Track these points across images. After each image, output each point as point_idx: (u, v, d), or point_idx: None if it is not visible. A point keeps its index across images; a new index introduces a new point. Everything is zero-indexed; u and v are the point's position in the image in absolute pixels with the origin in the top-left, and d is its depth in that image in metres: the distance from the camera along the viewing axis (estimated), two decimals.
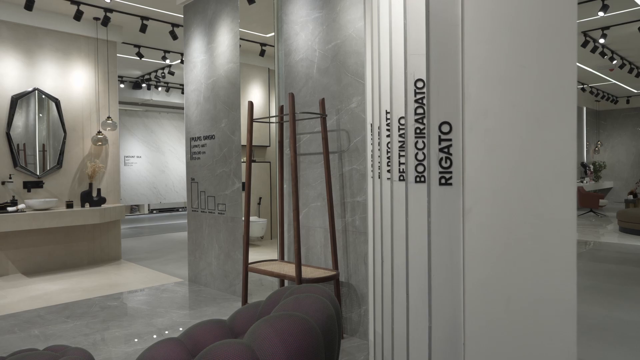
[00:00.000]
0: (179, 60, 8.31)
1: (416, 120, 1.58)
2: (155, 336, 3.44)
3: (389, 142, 2.29)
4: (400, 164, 1.95)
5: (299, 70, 3.74)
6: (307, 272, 3.27)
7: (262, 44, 7.13)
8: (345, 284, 3.41)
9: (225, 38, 4.53)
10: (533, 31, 0.87)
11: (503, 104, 0.89)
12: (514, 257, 0.90)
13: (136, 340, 3.37)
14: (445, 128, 1.23)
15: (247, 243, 3.49)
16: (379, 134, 2.57)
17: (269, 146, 8.27)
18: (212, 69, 4.73)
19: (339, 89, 3.43)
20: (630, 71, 8.72)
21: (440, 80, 1.23)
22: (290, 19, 3.81)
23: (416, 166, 1.60)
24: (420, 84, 1.55)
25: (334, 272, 3.24)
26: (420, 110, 1.56)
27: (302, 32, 3.70)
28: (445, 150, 1.25)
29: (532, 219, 0.88)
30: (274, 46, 7.31)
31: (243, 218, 4.25)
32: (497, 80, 0.88)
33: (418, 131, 1.58)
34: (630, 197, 11.00)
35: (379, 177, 2.57)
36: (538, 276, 0.86)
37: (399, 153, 1.96)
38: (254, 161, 7.83)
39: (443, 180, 1.24)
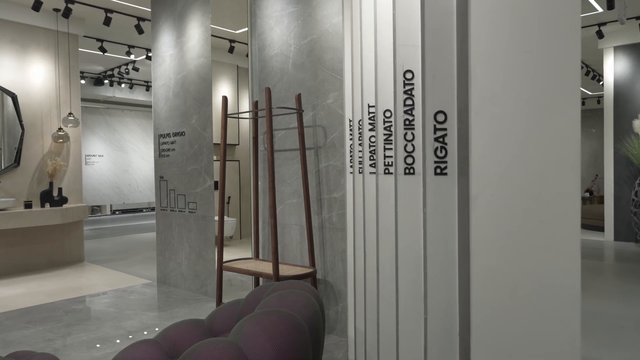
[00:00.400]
0: (144, 56, 8.07)
1: (405, 112, 1.56)
2: (120, 340, 3.30)
3: (371, 136, 2.27)
4: (385, 157, 1.94)
5: (273, 65, 3.69)
6: (284, 270, 3.22)
7: (231, 41, 7.01)
8: (322, 281, 3.38)
9: (196, 32, 4.42)
10: (537, 17, 0.86)
11: (508, 90, 0.88)
12: (519, 244, 0.89)
13: (105, 344, 3.23)
14: (441, 117, 1.21)
15: (222, 241, 3.40)
16: (361, 128, 2.55)
17: (238, 144, 8.15)
18: (182, 63, 4.60)
19: (315, 85, 3.39)
20: (587, 74, 9.10)
21: (436, 69, 1.21)
22: (264, 13, 3.75)
23: (405, 158, 1.59)
24: (409, 75, 1.54)
25: (311, 270, 3.20)
26: (409, 102, 1.55)
27: (277, 27, 3.65)
28: (441, 139, 1.24)
29: (537, 206, 0.87)
30: (244, 43, 7.20)
31: (216, 217, 4.15)
32: (502, 66, 0.87)
33: (407, 123, 1.56)
34: (587, 194, 11.49)
35: (360, 172, 2.55)
36: (543, 262, 0.85)
37: (385, 146, 1.94)
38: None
39: (438, 170, 1.23)
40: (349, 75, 2.88)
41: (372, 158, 2.26)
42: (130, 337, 3.35)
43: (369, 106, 2.26)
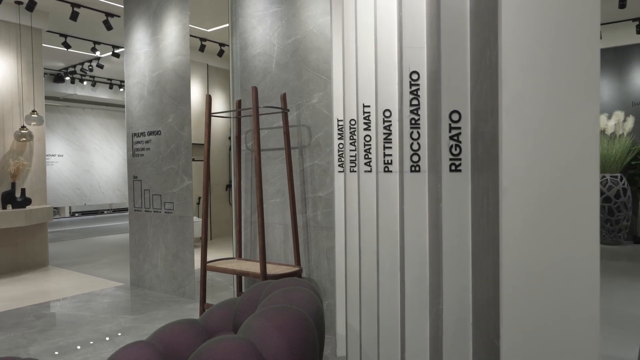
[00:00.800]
0: (110, 53, 7.83)
1: (411, 112, 1.62)
2: (100, 344, 3.22)
3: (366, 135, 2.32)
4: (385, 155, 1.99)
5: (256, 64, 3.69)
6: (270, 269, 3.23)
7: (202, 39, 6.92)
8: (307, 279, 3.41)
9: (173, 30, 4.35)
10: (561, 19, 0.93)
11: (536, 90, 0.95)
12: (545, 233, 0.95)
13: (85, 348, 3.13)
14: (455, 117, 1.27)
15: (206, 241, 3.37)
16: (353, 128, 2.60)
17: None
18: (158, 61, 4.51)
19: (299, 85, 3.42)
20: None
21: (451, 70, 1.27)
22: (246, 12, 3.74)
23: (411, 156, 1.64)
24: (415, 76, 1.60)
25: (297, 268, 3.22)
26: (415, 102, 1.61)
27: (260, 26, 3.65)
28: (455, 138, 1.30)
29: (561, 197, 0.94)
30: (215, 42, 7.12)
31: (200, 218, 4.10)
32: (531, 68, 0.93)
33: (413, 122, 1.62)
34: None
35: (352, 171, 2.60)
36: (565, 250, 0.92)
37: (384, 145, 2.00)
38: (194, 160, 7.57)
39: (453, 167, 1.29)
40: (338, 75, 2.93)
41: (367, 157, 2.31)
42: (107, 338, 3.27)
43: (364, 106, 2.31)
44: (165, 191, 4.48)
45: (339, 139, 2.93)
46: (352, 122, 2.59)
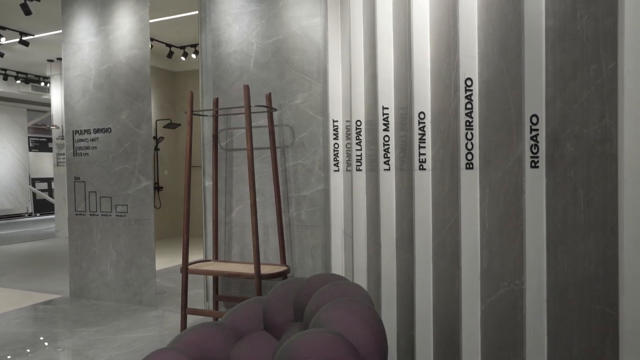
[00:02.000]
0: (18, 40, 7.00)
1: (466, 114, 1.80)
2: (76, 358, 2.94)
3: (385, 136, 2.46)
4: (420, 154, 2.15)
5: (231, 62, 3.62)
6: (234, 269, 3.20)
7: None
8: (291, 277, 3.44)
9: (127, 21, 4.08)
10: None
11: None
12: None
13: None
14: (535, 120, 1.46)
15: (187, 242, 3.24)
16: (360, 129, 2.73)
17: None
18: (108, 54, 4.19)
19: (281, 85, 3.44)
20: None
21: (530, 81, 1.46)
22: (219, 9, 3.66)
23: (466, 154, 1.82)
24: (469, 82, 1.78)
25: (286, 267, 3.24)
26: (469, 106, 1.79)
27: (236, 24, 3.60)
28: (534, 138, 1.49)
29: None
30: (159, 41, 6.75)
31: (181, 219, 3.90)
32: None
33: (467, 124, 1.80)
34: None
35: (359, 170, 2.72)
36: None
37: (419, 144, 2.15)
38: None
39: (532, 164, 1.48)
40: (335, 78, 3.03)
41: (386, 156, 2.45)
42: (87, 355, 3.00)
43: (383, 108, 2.45)
44: (117, 193, 4.18)
45: (334, 139, 3.03)
46: (358, 123, 2.72)
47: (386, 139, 2.43)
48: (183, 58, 7.44)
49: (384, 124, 2.43)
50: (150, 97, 4.01)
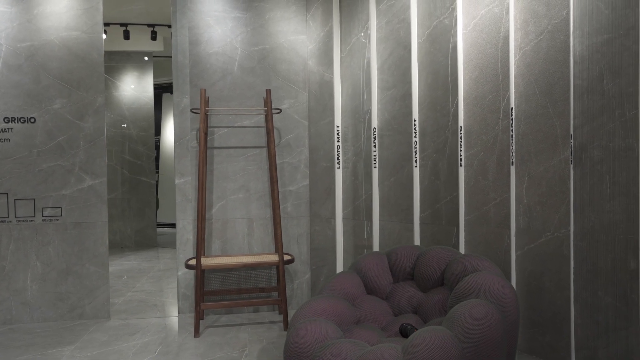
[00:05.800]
0: None
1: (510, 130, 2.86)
2: None
3: (415, 141, 3.29)
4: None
5: (212, 62, 3.71)
6: (260, 260, 3.49)
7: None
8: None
9: None
10: None
11: None
12: None
13: None
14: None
15: (202, 239, 3.24)
16: (376, 134, 3.44)
17: None
18: (31, 30, 3.55)
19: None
20: None
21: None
22: (198, 8, 3.68)
23: (510, 156, 2.88)
24: (512, 110, 2.85)
25: (291, 257, 3.62)
26: (510, 125, 2.85)
27: (218, 27, 3.71)
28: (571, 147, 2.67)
29: None
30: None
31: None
32: None
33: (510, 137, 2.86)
34: None
35: (375, 167, 3.43)
36: None
37: (459, 148, 3.07)
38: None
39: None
40: (339, 90, 3.62)
41: (416, 155, 3.28)
42: None
43: (414, 120, 3.29)
44: (46, 194, 3.59)
45: (337, 142, 3.62)
46: (374, 129, 3.44)
47: (415, 143, 3.25)
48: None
49: (414, 133, 3.25)
50: (102, 88, 3.63)
